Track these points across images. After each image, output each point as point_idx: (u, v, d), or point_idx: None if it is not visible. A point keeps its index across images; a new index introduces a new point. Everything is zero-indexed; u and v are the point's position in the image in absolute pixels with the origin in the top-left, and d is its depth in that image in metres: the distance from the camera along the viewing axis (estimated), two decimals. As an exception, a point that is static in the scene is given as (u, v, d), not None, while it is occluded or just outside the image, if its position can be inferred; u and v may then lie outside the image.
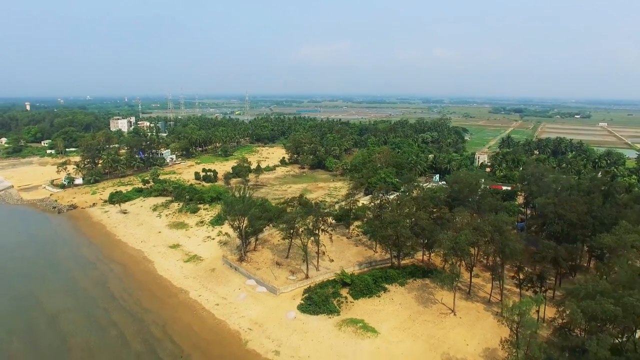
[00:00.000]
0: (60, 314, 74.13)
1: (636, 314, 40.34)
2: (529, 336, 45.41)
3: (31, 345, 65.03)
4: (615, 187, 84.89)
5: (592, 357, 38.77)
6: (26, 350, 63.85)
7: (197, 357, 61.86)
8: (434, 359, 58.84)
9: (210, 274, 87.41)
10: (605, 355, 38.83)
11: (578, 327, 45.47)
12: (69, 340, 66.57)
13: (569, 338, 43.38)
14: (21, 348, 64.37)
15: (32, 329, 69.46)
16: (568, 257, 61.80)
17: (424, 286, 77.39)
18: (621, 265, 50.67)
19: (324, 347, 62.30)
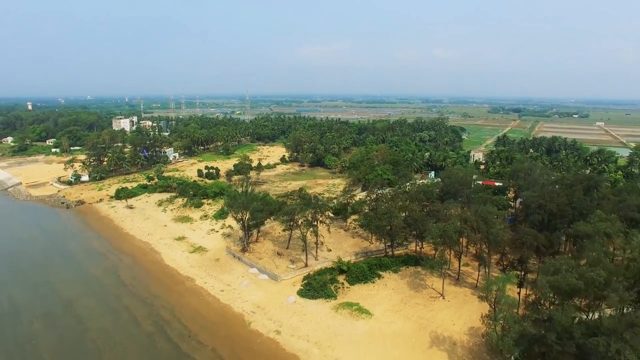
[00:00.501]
0: (75, 300, 79.18)
1: (597, 286, 45.31)
2: (505, 310, 50.49)
3: (51, 326, 70.11)
4: (595, 181, 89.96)
5: (557, 325, 43.75)
6: (47, 330, 68.92)
7: (204, 337, 66.86)
8: (422, 337, 63.91)
9: (215, 264, 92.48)
10: (568, 322, 43.79)
11: (548, 301, 50.43)
12: (85, 322, 71.64)
13: (540, 311, 48.52)
14: (42, 327, 69.43)
15: (51, 313, 74.52)
16: (547, 243, 66.75)
17: (416, 273, 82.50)
18: (590, 247, 55.64)
19: (322, 327, 67.38)
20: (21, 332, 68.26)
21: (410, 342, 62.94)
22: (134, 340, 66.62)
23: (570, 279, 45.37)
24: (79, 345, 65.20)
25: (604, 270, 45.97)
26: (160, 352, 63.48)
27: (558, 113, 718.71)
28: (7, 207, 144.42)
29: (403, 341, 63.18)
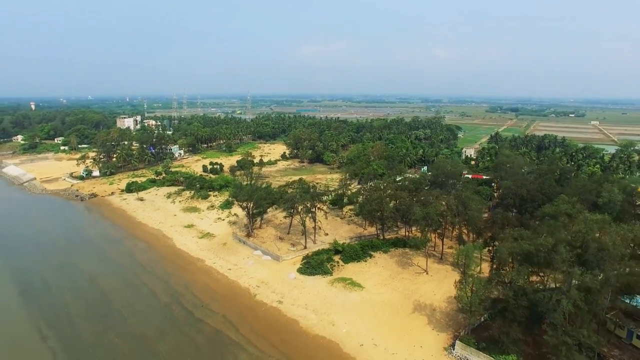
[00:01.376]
0: (98, 277, 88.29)
1: (545, 251, 54.07)
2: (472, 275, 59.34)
3: (79, 297, 79.25)
4: (565, 172, 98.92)
5: (514, 285, 52.55)
6: (76, 300, 78.06)
7: (215, 306, 75.96)
8: (407, 304, 72.99)
9: (222, 247, 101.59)
10: (523, 282, 52.71)
11: (507, 265, 59.22)
12: (108, 295, 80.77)
13: (501, 274, 57.30)
14: (71, 299, 78.57)
15: (78, 288, 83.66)
16: (517, 222, 75.59)
17: (404, 253, 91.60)
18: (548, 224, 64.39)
19: (319, 298, 76.48)
20: (55, 302, 77.46)
21: (396, 309, 72.05)
22: (153, 309, 75.78)
23: (523, 245, 54.28)
24: (106, 313, 74.30)
25: (553, 239, 54.83)
26: (178, 319, 72.54)
27: (555, 112, 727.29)
28: (25, 200, 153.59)
29: (390, 308, 72.29)
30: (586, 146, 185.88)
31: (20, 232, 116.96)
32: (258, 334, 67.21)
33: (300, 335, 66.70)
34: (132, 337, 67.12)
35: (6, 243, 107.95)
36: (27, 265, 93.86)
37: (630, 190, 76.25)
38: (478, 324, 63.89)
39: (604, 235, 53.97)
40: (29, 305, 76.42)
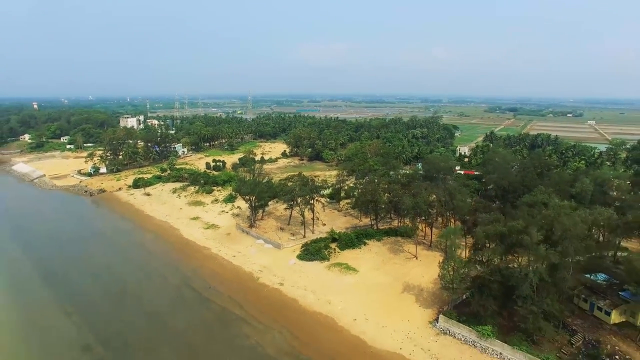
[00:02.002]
0: (112, 264, 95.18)
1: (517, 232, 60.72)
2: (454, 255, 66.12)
3: (97, 281, 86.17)
4: (546, 165, 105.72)
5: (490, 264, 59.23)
6: (94, 284, 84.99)
7: (222, 288, 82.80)
8: (397, 286, 79.79)
9: (227, 237, 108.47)
10: (497, 261, 59.34)
11: (484, 245, 65.88)
12: (123, 278, 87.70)
13: (478, 253, 64.03)
14: (90, 282, 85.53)
15: (94, 273, 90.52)
16: (497, 210, 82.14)
17: (396, 242, 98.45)
18: (523, 210, 71.05)
19: (317, 280, 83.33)
20: (75, 286, 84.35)
21: (387, 289, 78.86)
22: (165, 290, 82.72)
23: (498, 227, 61.02)
24: (122, 294, 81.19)
25: (524, 222, 61.57)
26: (187, 298, 79.46)
27: (553, 112, 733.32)
28: (36, 195, 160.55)
29: (381, 289, 79.09)
30: (575, 144, 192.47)
31: (36, 225, 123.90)
32: (261, 311, 74.11)
33: (300, 312, 73.55)
34: (147, 313, 74.05)
35: (24, 235, 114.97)
36: (46, 254, 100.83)
37: (600, 181, 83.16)
38: (460, 301, 70.70)
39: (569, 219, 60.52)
40: (51, 288, 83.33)
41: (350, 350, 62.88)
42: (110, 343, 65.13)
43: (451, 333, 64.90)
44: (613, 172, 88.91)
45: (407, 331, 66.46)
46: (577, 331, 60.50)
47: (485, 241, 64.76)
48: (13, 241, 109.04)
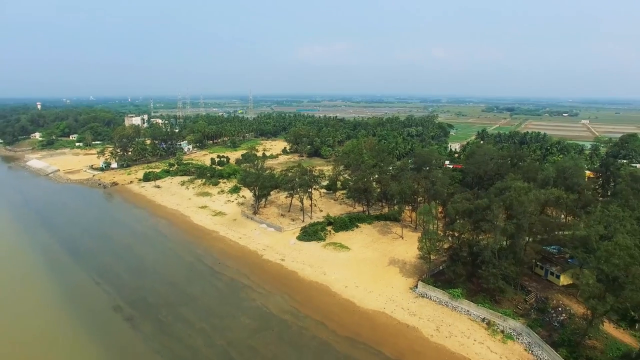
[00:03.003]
0: (131, 245, 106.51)
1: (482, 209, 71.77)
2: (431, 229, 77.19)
3: (119, 259, 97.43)
4: (519, 157, 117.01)
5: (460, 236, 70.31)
6: (117, 260, 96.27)
7: (230, 263, 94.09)
8: (384, 260, 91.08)
9: (233, 222, 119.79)
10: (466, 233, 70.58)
11: (455, 220, 76.96)
12: (142, 257, 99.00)
13: (450, 227, 75.05)
14: (113, 259, 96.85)
15: (116, 252, 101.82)
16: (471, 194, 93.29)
17: (385, 225, 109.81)
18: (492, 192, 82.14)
19: (314, 256, 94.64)
20: (100, 262, 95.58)
21: (375, 263, 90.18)
22: (180, 265, 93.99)
23: (465, 204, 72.25)
24: (143, 268, 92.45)
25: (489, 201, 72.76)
26: (201, 271, 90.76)
27: (549, 112, 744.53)
28: (53, 188, 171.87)
29: (370, 263, 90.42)
30: (560, 141, 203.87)
31: (59, 213, 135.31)
32: (265, 280, 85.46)
33: (298, 281, 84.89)
34: (167, 283, 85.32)
35: (49, 221, 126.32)
36: (71, 237, 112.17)
37: (562, 169, 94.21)
38: (437, 271, 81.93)
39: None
40: (80, 264, 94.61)
41: (341, 310, 74.17)
42: (136, 305, 76.43)
43: (428, 296, 76.17)
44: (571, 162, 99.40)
45: (390, 295, 77.76)
46: (531, 292, 71.83)
47: (456, 217, 75.81)
48: (42, 226, 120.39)
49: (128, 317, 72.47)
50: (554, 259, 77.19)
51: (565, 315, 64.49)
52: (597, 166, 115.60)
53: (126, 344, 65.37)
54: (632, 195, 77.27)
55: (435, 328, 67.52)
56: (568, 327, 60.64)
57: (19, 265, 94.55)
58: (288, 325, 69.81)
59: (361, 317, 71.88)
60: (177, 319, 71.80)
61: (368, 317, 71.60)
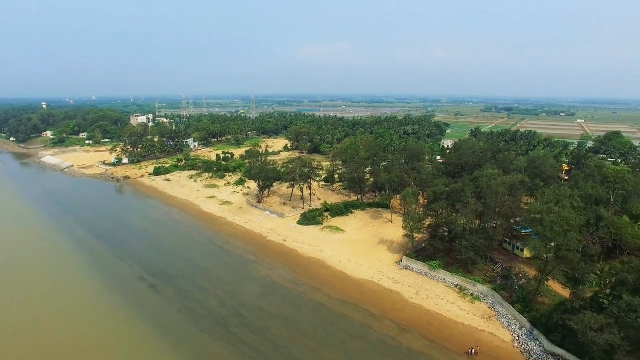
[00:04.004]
0: (148, 228, 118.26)
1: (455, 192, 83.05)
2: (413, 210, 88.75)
3: (138, 239, 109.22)
4: (498, 150, 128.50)
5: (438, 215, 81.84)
6: (137, 240, 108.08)
7: (238, 243, 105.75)
8: (374, 240, 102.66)
9: (239, 210, 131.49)
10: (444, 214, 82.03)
11: (433, 202, 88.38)
12: (159, 238, 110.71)
13: (430, 207, 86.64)
14: (133, 240, 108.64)
15: (135, 235, 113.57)
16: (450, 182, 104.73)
17: (377, 211, 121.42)
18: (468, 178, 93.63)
19: (312, 237, 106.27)
20: (122, 243, 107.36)
21: (366, 242, 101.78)
22: (194, 246, 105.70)
23: (441, 187, 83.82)
24: (160, 248, 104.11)
25: (463, 184, 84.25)
26: (212, 250, 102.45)
27: (546, 112, 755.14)
28: (70, 181, 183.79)
29: (362, 242, 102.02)
30: (547, 138, 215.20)
31: (79, 202, 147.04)
32: (269, 257, 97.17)
33: (298, 257, 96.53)
34: (182, 259, 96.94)
35: (71, 209, 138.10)
36: (93, 222, 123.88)
37: (532, 159, 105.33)
38: (419, 248, 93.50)
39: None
40: (104, 244, 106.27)
41: (335, 279, 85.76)
42: (157, 276, 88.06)
43: (410, 268, 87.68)
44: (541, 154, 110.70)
45: (378, 268, 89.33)
46: (499, 263, 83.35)
47: (434, 199, 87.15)
48: (66, 214, 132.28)
49: (152, 285, 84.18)
50: (521, 236, 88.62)
51: (524, 280, 75.97)
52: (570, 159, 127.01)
53: (152, 304, 77.04)
54: (581, 179, 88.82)
55: (415, 292, 79.09)
56: (525, 288, 72.18)
57: (54, 246, 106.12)
58: (289, 291, 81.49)
59: (352, 284, 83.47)
60: (194, 286, 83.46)
61: (358, 285, 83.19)
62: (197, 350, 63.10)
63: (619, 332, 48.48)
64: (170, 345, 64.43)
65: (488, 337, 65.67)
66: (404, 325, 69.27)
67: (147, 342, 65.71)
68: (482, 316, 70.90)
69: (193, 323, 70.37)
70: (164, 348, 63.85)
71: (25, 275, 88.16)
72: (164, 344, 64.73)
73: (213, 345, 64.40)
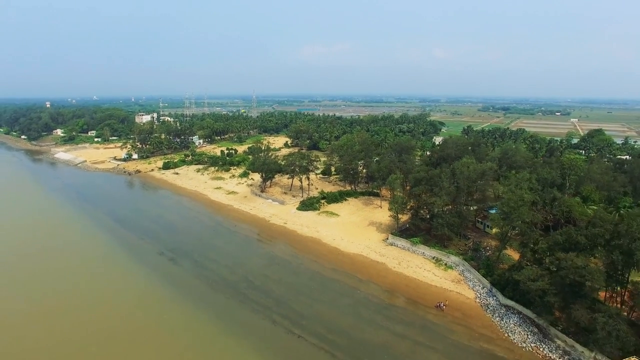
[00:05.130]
0: (162, 214, 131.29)
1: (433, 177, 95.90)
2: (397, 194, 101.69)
3: (154, 223, 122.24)
4: (477, 144, 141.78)
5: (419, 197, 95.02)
6: (153, 224, 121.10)
7: (244, 226, 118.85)
8: (365, 222, 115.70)
9: (244, 198, 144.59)
10: (424, 197, 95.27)
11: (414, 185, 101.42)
12: (173, 222, 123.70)
13: (411, 192, 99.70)
14: (150, 224, 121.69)
15: (150, 219, 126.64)
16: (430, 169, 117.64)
17: (368, 199, 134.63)
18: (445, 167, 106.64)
19: (310, 220, 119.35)
20: (139, 226, 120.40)
21: (357, 224, 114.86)
22: (204, 227, 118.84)
23: (422, 174, 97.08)
24: (174, 230, 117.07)
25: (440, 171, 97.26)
26: (220, 231, 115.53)
27: (542, 111, 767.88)
28: (85, 175, 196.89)
29: (353, 224, 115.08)
30: (533, 135, 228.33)
31: (96, 193, 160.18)
32: (271, 236, 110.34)
33: (297, 236, 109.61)
34: (195, 238, 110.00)
35: (90, 199, 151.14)
36: (111, 209, 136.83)
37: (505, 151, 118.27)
38: (404, 228, 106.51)
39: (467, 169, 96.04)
40: (124, 227, 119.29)
41: (329, 253, 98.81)
42: (175, 251, 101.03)
43: (395, 244, 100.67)
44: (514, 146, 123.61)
45: (367, 244, 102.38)
46: (470, 239, 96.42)
47: (415, 183, 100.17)
48: (85, 202, 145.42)
49: (170, 258, 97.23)
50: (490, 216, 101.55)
51: (490, 252, 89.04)
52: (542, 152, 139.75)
53: (173, 273, 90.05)
54: (539, 166, 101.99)
55: (397, 263, 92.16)
56: (489, 258, 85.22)
57: (83, 229, 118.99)
58: (289, 262, 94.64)
59: (344, 257, 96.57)
60: (207, 259, 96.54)
61: (349, 257, 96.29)
62: (213, 305, 76.15)
63: (548, 280, 61.49)
64: (192, 303, 77.38)
65: (455, 296, 78.75)
66: (386, 288, 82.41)
67: (173, 300, 78.67)
68: (452, 280, 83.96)
69: (208, 286, 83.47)
70: (187, 304, 76.80)
71: (66, 253, 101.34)
72: (186, 302, 77.71)
73: (226, 301, 77.49)
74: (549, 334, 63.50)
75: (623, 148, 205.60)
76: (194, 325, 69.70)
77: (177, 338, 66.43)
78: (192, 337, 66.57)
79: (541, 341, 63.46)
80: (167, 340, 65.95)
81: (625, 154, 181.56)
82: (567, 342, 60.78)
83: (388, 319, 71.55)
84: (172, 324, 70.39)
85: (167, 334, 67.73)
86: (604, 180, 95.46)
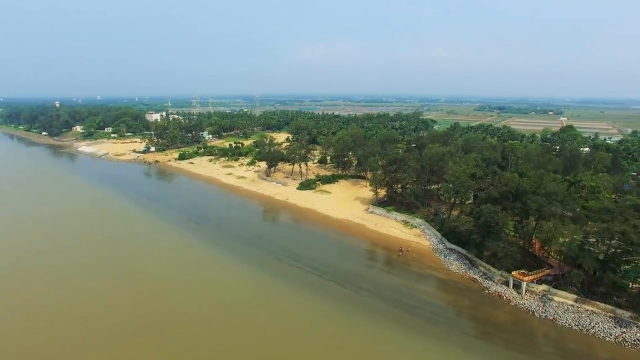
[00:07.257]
0: (183, 194, 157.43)
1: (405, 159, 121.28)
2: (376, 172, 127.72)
3: (178, 200, 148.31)
4: (450, 135, 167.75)
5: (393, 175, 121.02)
6: (177, 201, 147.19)
7: (253, 201, 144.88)
8: (352, 198, 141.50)
9: (252, 182, 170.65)
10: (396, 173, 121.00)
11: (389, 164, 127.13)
12: (194, 200, 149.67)
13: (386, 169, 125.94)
14: (174, 201, 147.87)
15: (174, 196, 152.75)
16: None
17: (356, 180, 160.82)
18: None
19: (307, 197, 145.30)
20: (166, 202, 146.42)
21: (346, 199, 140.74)
22: (220, 203, 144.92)
23: (394, 156, 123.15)
24: (195, 204, 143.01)
25: (410, 154, 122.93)
26: (234, 205, 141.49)
27: (536, 110, 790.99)
28: (110, 165, 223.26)
29: (343, 199, 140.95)
30: (509, 130, 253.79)
31: (124, 179, 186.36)
32: (276, 208, 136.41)
33: (297, 208, 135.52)
34: (214, 210, 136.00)
35: (120, 183, 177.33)
36: (140, 190, 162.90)
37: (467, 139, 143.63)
38: (383, 200, 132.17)
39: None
40: (155, 202, 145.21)
41: (321, 219, 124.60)
42: (199, 219, 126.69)
43: (374, 212, 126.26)
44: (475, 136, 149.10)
45: (352, 212, 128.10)
46: (432, 207, 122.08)
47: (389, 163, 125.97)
48: (117, 185, 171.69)
49: (196, 222, 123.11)
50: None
51: (446, 215, 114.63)
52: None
53: (199, 231, 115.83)
54: (485, 149, 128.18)
55: (374, 224, 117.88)
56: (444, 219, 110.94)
57: (124, 204, 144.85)
58: (290, 225, 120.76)
59: (333, 221, 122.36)
60: (225, 223, 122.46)
61: (337, 221, 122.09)
62: (235, 251, 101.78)
63: (473, 224, 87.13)
64: (217, 249, 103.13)
65: (415, 244, 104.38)
66: (364, 239, 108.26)
67: (203, 248, 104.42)
68: (415, 235, 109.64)
69: (228, 239, 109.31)
70: (214, 250, 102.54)
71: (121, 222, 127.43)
72: (213, 248, 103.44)
73: (242, 248, 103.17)
74: (476, 263, 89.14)
75: (586, 142, 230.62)
76: (221, 262, 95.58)
77: (210, 270, 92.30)
78: (221, 269, 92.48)
79: (470, 269, 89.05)
80: (204, 270, 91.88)
81: (585, 147, 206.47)
82: (485, 267, 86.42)
83: (363, 258, 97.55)
84: (204, 262, 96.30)
85: (204, 267, 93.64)
86: (539, 161, 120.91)
